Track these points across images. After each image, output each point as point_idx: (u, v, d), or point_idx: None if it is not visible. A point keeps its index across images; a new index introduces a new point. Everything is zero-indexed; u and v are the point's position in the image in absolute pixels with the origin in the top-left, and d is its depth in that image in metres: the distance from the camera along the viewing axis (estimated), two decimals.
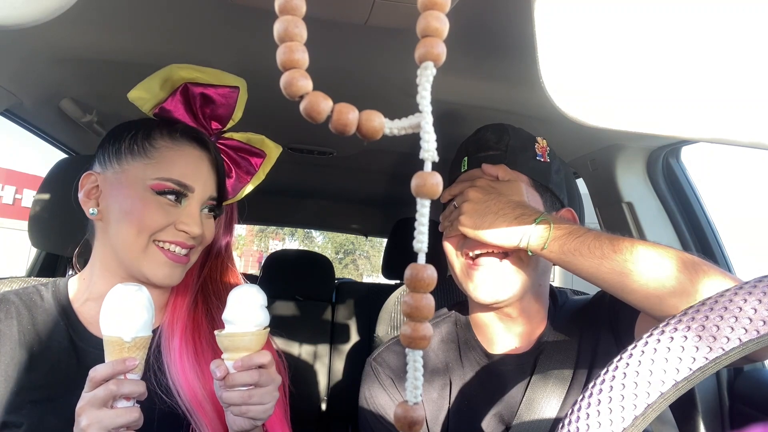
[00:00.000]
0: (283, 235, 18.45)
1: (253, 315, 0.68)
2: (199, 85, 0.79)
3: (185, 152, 0.79)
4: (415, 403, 0.26)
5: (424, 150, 0.24)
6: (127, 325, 0.61)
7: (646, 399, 0.33)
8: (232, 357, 0.67)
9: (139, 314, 0.62)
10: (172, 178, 0.76)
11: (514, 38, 0.80)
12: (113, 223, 0.76)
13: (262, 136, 0.91)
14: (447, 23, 0.23)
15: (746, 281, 0.35)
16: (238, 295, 0.69)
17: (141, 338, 0.62)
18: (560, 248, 0.69)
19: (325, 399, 1.99)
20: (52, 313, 0.77)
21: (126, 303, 0.62)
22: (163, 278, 0.77)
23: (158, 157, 0.77)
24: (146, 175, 0.76)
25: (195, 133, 0.80)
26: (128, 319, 0.61)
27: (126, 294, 0.62)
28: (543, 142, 0.87)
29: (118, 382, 0.59)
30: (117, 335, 0.61)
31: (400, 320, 1.27)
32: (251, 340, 0.67)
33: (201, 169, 0.79)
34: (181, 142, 0.79)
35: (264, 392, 0.67)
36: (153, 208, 0.75)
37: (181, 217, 0.76)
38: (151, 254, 0.76)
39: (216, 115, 0.83)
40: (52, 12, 0.34)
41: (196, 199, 0.78)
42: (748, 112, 0.32)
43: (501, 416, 0.80)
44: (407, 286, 0.25)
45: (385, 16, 0.72)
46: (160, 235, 0.76)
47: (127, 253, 0.76)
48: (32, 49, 0.93)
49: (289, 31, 0.23)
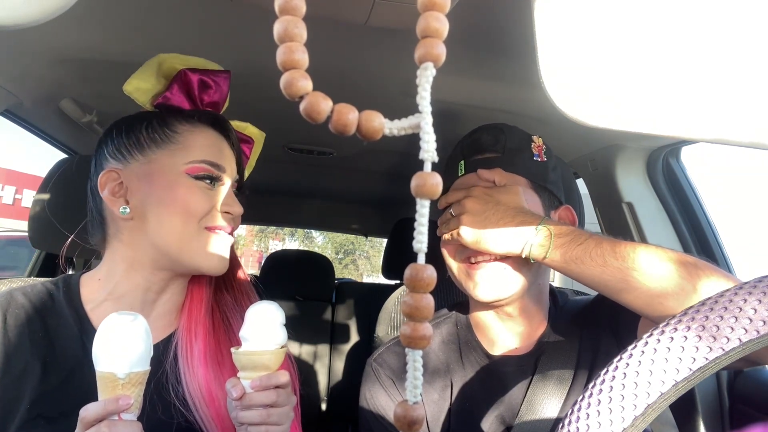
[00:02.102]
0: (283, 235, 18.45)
1: (272, 333, 0.65)
2: (195, 71, 0.78)
3: (208, 134, 0.77)
4: (414, 402, 0.26)
5: (424, 150, 0.24)
6: (121, 360, 0.56)
7: (646, 399, 0.33)
8: (250, 376, 0.64)
9: (135, 347, 0.56)
10: (205, 160, 0.74)
11: (514, 38, 0.80)
12: (152, 217, 0.72)
13: (246, 123, 0.90)
14: (447, 24, 0.23)
15: (746, 281, 0.35)
16: (257, 312, 0.66)
17: (136, 374, 0.56)
18: (562, 257, 0.70)
19: (325, 399, 1.99)
20: (64, 317, 0.72)
21: (120, 335, 0.56)
22: (219, 264, 0.74)
23: (183, 141, 0.74)
24: (177, 161, 0.73)
25: (212, 115, 0.79)
26: (122, 352, 0.56)
27: (120, 325, 0.57)
28: (539, 141, 0.87)
29: (110, 424, 0.54)
30: (110, 371, 0.55)
31: (401, 320, 1.27)
32: (270, 359, 0.64)
33: (225, 149, 0.78)
34: (199, 125, 0.77)
35: (281, 412, 0.64)
36: (194, 193, 0.72)
37: (221, 199, 0.74)
38: (204, 241, 0.73)
39: (212, 101, 0.81)
40: (52, 12, 0.34)
41: (228, 181, 0.77)
42: (748, 113, 0.32)
43: (502, 417, 0.80)
44: (407, 286, 0.25)
45: (385, 16, 0.72)
46: (208, 220, 0.73)
47: (175, 245, 0.72)
48: (32, 49, 0.93)
49: (289, 31, 0.23)
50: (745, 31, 0.32)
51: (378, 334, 1.27)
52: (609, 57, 0.34)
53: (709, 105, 0.32)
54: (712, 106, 0.32)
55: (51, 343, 0.70)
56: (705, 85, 0.33)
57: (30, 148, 7.97)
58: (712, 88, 0.32)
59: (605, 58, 0.34)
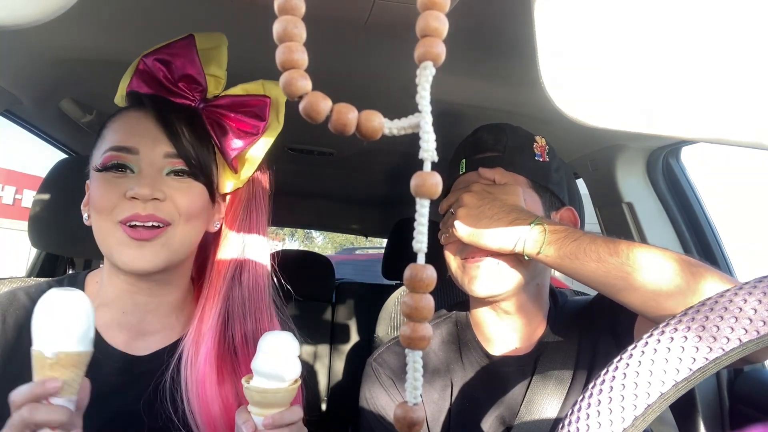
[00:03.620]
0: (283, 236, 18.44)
1: (287, 368, 0.61)
2: (151, 53, 0.73)
3: (125, 118, 0.72)
4: (414, 403, 0.26)
5: (424, 150, 0.24)
6: (51, 339, 0.51)
7: (646, 399, 0.33)
8: (261, 413, 0.60)
9: (68, 326, 0.51)
10: (111, 147, 0.69)
11: (514, 38, 0.80)
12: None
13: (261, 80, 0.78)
14: (446, 23, 0.23)
15: (746, 282, 0.35)
16: (271, 344, 0.62)
17: (68, 354, 0.51)
18: (556, 252, 0.70)
19: (325, 399, 1.99)
20: None
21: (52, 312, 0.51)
22: (129, 261, 0.67)
23: (105, 135, 0.72)
24: (95, 159, 0.70)
25: (136, 96, 0.73)
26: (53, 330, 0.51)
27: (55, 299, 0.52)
28: (542, 141, 0.87)
29: (33, 407, 0.50)
30: (38, 349, 0.51)
31: (400, 320, 1.27)
32: (284, 397, 0.61)
33: (141, 127, 0.70)
34: (125, 112, 0.73)
35: None
36: (100, 186, 0.68)
37: (130, 186, 0.67)
38: (116, 236, 0.67)
39: (186, 76, 0.73)
40: (52, 12, 0.34)
41: (146, 161, 0.69)
42: (748, 113, 0.32)
43: (502, 417, 0.80)
44: (407, 287, 0.25)
45: (385, 16, 0.72)
46: (118, 212, 0.67)
47: (100, 244, 0.69)
48: (32, 50, 0.93)
49: (288, 31, 0.23)
50: (745, 32, 0.32)
51: (378, 334, 1.27)
52: (609, 57, 0.34)
53: (709, 105, 0.32)
54: (712, 106, 0.32)
55: None
56: (705, 85, 0.33)
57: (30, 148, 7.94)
58: (712, 88, 0.32)
59: (605, 58, 0.34)
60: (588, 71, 0.34)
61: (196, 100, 0.76)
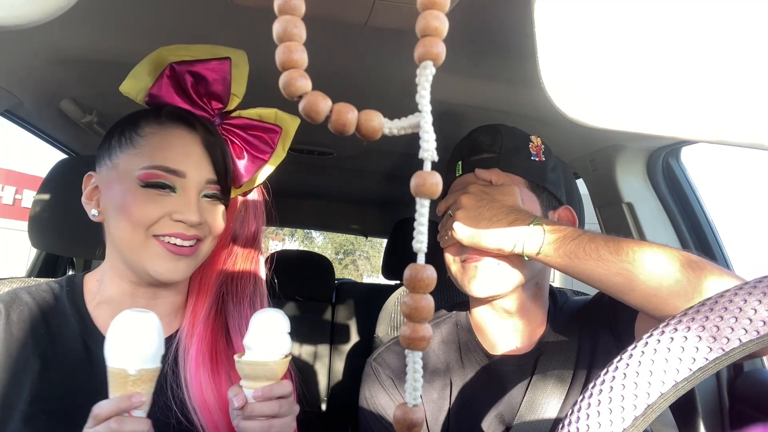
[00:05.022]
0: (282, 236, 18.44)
1: (277, 342, 0.64)
2: (185, 63, 0.74)
3: (172, 135, 0.73)
4: (414, 404, 0.26)
5: (424, 150, 0.24)
6: (133, 356, 0.56)
7: (646, 399, 0.33)
8: (252, 386, 0.63)
9: (146, 344, 0.57)
10: (159, 165, 0.70)
11: (514, 38, 0.80)
12: (111, 222, 0.72)
13: (275, 109, 0.82)
14: (446, 23, 0.23)
15: (746, 281, 0.35)
16: (262, 320, 0.65)
17: (147, 371, 0.57)
18: (555, 252, 0.70)
19: (325, 399, 1.99)
20: (66, 316, 0.73)
21: (132, 331, 0.57)
22: (166, 273, 0.71)
23: (145, 145, 0.72)
24: (134, 166, 0.70)
25: (181, 113, 0.74)
26: (134, 349, 0.56)
27: (132, 321, 0.57)
28: (537, 141, 0.87)
29: (120, 420, 0.54)
30: (121, 367, 0.56)
31: (400, 321, 1.27)
32: (273, 370, 0.63)
33: (191, 151, 0.72)
34: (167, 125, 0.73)
35: (283, 423, 0.64)
36: (142, 201, 0.69)
37: (176, 206, 0.70)
38: (151, 248, 0.70)
39: (212, 92, 0.76)
40: (52, 12, 0.34)
41: (191, 185, 0.72)
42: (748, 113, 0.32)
43: (502, 417, 0.80)
44: (406, 287, 0.25)
45: (385, 16, 0.72)
46: (157, 228, 0.70)
47: (127, 251, 0.71)
48: (32, 50, 0.93)
49: (288, 31, 0.23)
50: (745, 32, 0.32)
51: (378, 334, 1.27)
52: (609, 57, 0.34)
53: (709, 105, 0.32)
54: (712, 106, 0.32)
55: (53, 341, 0.70)
56: (705, 86, 0.33)
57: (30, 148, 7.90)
58: (712, 89, 0.32)
59: (605, 58, 0.34)
60: (588, 71, 0.34)
61: (214, 114, 0.79)
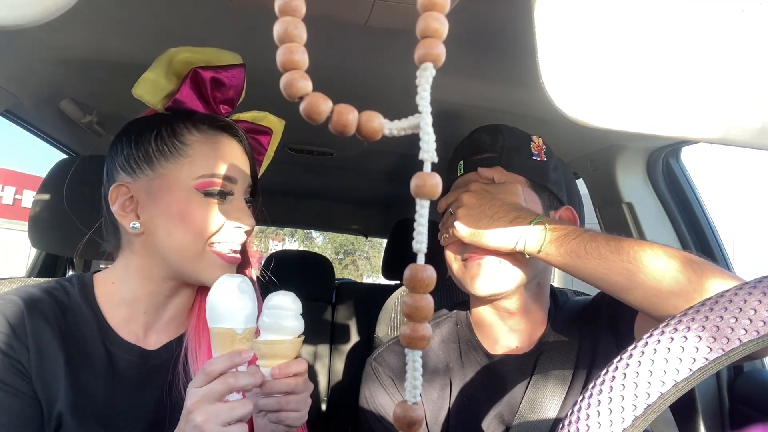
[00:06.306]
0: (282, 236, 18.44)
1: (291, 323, 0.66)
2: (208, 68, 0.74)
3: (219, 144, 0.74)
4: (414, 403, 0.26)
5: (424, 151, 0.24)
6: (238, 317, 0.61)
7: (646, 399, 0.33)
8: (269, 364, 0.65)
9: (248, 305, 0.62)
10: (216, 174, 0.71)
11: (514, 38, 0.80)
12: (162, 232, 0.71)
13: (265, 112, 0.85)
14: (446, 24, 0.23)
15: (746, 281, 0.35)
16: (276, 302, 0.67)
17: (250, 329, 0.62)
18: (557, 250, 0.70)
19: (325, 399, 1.99)
20: (82, 314, 0.72)
21: (235, 294, 0.61)
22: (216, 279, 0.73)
23: (192, 153, 0.72)
24: (186, 175, 0.70)
25: (221, 121, 0.76)
26: (238, 310, 0.61)
27: (234, 285, 0.62)
28: (539, 141, 0.87)
29: (234, 374, 0.59)
30: (229, 326, 0.60)
31: (401, 320, 1.27)
32: (289, 348, 0.66)
33: (238, 158, 0.75)
34: (210, 133, 0.74)
35: (300, 399, 0.66)
36: (205, 211, 0.70)
37: (232, 214, 0.72)
38: (208, 258, 0.72)
39: (227, 98, 0.78)
40: (52, 12, 0.34)
41: (239, 191, 0.74)
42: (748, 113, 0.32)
43: (501, 416, 0.80)
44: (406, 287, 0.25)
45: (385, 17, 0.72)
46: (219, 236, 0.72)
47: (181, 261, 0.72)
48: (32, 50, 0.93)
49: (289, 32, 0.23)
50: (745, 32, 0.32)
51: (378, 334, 1.27)
52: (609, 57, 0.34)
53: (709, 105, 0.33)
54: (712, 106, 0.32)
55: (74, 341, 0.70)
56: (705, 85, 0.33)
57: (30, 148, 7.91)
58: (712, 88, 0.32)
59: (605, 58, 0.34)
60: (588, 71, 0.34)
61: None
